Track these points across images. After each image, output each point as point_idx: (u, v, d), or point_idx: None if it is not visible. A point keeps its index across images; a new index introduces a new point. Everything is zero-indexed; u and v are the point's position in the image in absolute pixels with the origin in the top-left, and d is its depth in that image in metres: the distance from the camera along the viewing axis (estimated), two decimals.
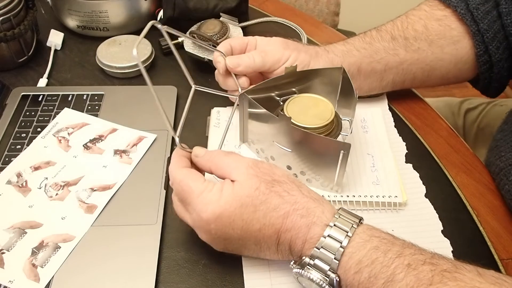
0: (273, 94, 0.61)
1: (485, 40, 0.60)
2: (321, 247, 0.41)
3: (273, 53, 0.59)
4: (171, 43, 0.51)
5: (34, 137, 0.62)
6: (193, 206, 0.44)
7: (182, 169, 0.46)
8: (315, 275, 0.42)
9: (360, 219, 0.43)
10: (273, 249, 0.45)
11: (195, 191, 0.44)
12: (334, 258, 0.41)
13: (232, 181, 0.45)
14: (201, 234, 0.46)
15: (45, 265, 0.49)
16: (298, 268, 0.43)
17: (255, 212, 0.43)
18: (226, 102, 0.67)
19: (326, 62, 0.61)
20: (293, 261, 0.44)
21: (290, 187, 0.44)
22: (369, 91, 0.65)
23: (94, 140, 0.62)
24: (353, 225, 0.42)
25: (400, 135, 0.64)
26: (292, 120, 0.53)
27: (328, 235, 0.41)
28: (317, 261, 0.42)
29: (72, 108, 0.66)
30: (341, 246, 0.41)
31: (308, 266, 0.42)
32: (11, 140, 0.62)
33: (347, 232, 0.41)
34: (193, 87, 0.52)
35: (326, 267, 0.41)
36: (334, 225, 0.42)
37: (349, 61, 0.61)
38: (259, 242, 0.44)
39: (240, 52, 0.62)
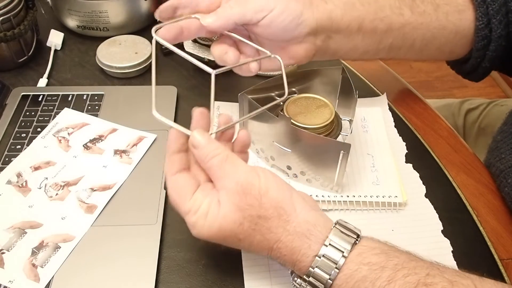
0: (273, 94, 0.61)
1: (489, 12, 0.58)
2: (311, 276, 0.41)
3: (255, 0, 0.50)
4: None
5: (34, 137, 0.62)
6: (183, 217, 0.43)
7: (171, 178, 0.44)
8: None
9: (355, 240, 0.41)
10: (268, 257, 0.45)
11: (180, 209, 0.43)
12: None
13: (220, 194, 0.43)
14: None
15: (45, 265, 0.49)
16: (293, 281, 0.43)
17: (239, 243, 0.43)
18: (226, 98, 0.67)
19: (323, 14, 0.53)
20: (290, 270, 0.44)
21: (275, 224, 0.41)
22: (362, 54, 0.60)
23: (94, 140, 0.62)
24: (344, 254, 0.40)
25: (400, 135, 0.64)
26: (292, 120, 0.53)
27: (317, 267, 0.40)
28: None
29: (72, 108, 0.66)
30: (329, 279, 0.40)
31: (301, 286, 0.42)
32: (11, 140, 0.62)
33: (336, 264, 0.39)
34: (213, 72, 0.45)
35: None
36: (323, 255, 0.40)
37: (351, 15, 0.55)
38: (252, 252, 0.44)
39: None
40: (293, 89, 0.61)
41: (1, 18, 0.68)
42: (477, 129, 0.84)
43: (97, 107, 0.67)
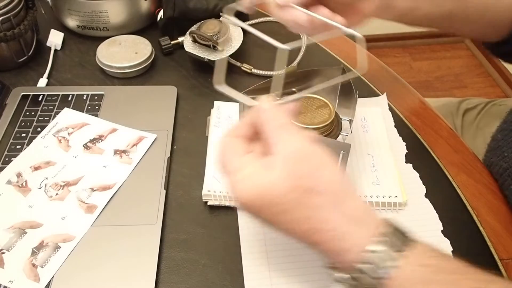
0: (273, 94, 0.61)
1: None
2: (360, 271, 0.37)
3: None
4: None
5: (34, 137, 0.62)
6: (226, 176, 0.41)
7: (227, 138, 0.42)
8: None
9: (410, 240, 0.37)
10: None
11: (226, 167, 0.40)
12: None
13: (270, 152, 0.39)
14: None
15: (45, 265, 0.49)
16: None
17: (276, 216, 0.39)
18: (227, 98, 0.66)
19: None
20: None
21: (328, 200, 0.37)
22: (423, 16, 0.57)
23: (94, 140, 0.62)
24: (401, 251, 0.36)
25: (400, 135, 0.64)
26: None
27: (368, 262, 0.36)
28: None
29: (72, 108, 0.66)
30: (380, 277, 0.36)
31: (345, 281, 0.39)
32: (11, 140, 0.62)
33: (391, 261, 0.36)
34: (288, 48, 0.43)
35: None
36: (377, 250, 0.36)
37: None
38: (284, 232, 0.40)
39: None
40: (293, 89, 0.61)
41: (1, 18, 0.68)
42: (475, 128, 0.84)
43: (97, 107, 0.67)
